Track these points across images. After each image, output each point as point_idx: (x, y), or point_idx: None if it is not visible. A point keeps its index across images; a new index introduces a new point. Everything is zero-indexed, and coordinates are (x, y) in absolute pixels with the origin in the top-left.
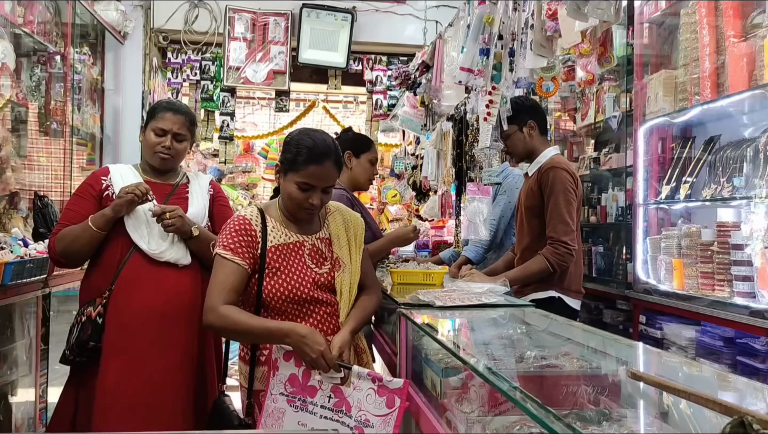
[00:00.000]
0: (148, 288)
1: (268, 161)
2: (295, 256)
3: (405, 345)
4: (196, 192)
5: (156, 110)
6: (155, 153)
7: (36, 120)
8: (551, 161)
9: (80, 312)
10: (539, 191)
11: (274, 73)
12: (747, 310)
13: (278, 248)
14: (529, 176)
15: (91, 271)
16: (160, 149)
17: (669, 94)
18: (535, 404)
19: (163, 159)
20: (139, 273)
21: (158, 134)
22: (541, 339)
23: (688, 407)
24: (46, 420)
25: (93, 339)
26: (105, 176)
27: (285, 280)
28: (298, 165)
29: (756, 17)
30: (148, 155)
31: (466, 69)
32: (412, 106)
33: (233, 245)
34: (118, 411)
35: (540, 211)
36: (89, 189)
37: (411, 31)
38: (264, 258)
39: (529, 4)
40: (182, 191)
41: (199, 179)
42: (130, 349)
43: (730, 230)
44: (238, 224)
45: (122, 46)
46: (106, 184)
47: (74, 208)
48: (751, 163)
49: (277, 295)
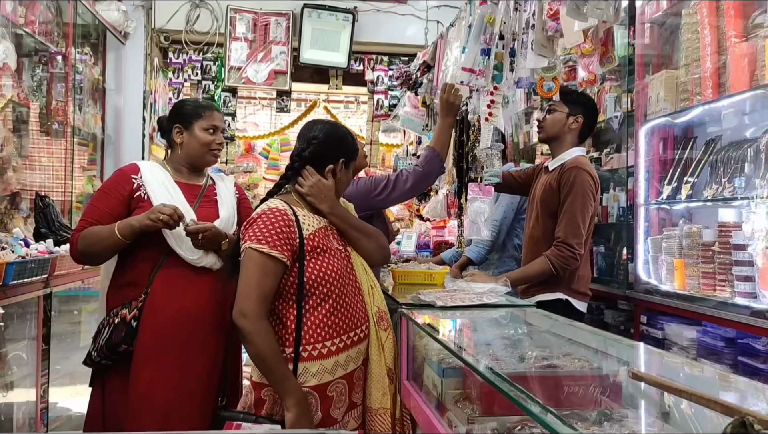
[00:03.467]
0: (184, 292)
1: (269, 161)
2: (329, 239)
3: (406, 345)
4: (224, 195)
5: (200, 108)
6: (210, 150)
7: (37, 120)
8: (576, 161)
9: (113, 313)
10: (558, 188)
11: (275, 74)
12: (748, 310)
13: (314, 234)
14: (549, 170)
15: (123, 272)
16: (215, 146)
17: (670, 95)
18: (536, 404)
19: (216, 156)
20: (175, 277)
21: (210, 132)
22: (543, 340)
23: (690, 407)
24: (47, 420)
25: (126, 342)
26: (135, 174)
27: (326, 262)
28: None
29: (757, 17)
30: (197, 153)
31: (467, 69)
32: (413, 106)
33: (269, 238)
34: (151, 416)
35: (555, 209)
36: (118, 188)
37: (412, 31)
38: (303, 246)
39: (530, 4)
40: (210, 192)
41: (224, 181)
42: (164, 354)
43: (732, 230)
44: (274, 216)
45: (123, 46)
46: (137, 184)
47: (100, 205)
48: (752, 163)
49: (320, 277)
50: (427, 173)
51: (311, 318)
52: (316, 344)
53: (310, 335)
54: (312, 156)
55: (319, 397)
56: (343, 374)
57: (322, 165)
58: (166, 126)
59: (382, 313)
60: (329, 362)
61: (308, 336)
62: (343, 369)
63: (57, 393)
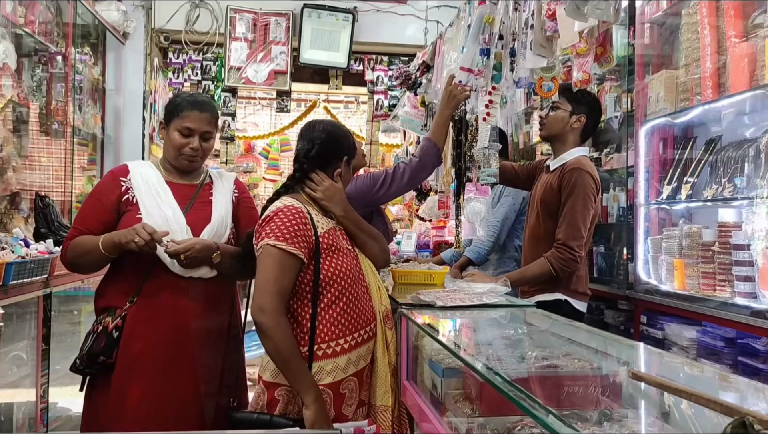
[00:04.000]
0: (174, 303)
1: (269, 161)
2: (340, 239)
3: (406, 345)
4: (219, 195)
5: (179, 106)
6: (181, 155)
7: (37, 120)
8: (578, 162)
9: (98, 320)
10: (558, 189)
11: (275, 74)
12: (748, 310)
13: (327, 232)
14: (551, 170)
15: (110, 277)
16: (187, 151)
17: (670, 95)
18: (536, 404)
19: (191, 162)
20: (166, 286)
21: (184, 134)
22: (543, 340)
23: (689, 407)
24: (47, 420)
25: (105, 353)
26: (124, 177)
27: (340, 261)
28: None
29: (757, 17)
30: (171, 155)
31: (466, 69)
32: (412, 106)
33: (288, 235)
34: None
35: (555, 209)
36: (107, 193)
37: (412, 31)
38: (318, 244)
39: (530, 4)
40: (206, 192)
41: (223, 179)
42: (152, 370)
43: (732, 230)
44: (291, 214)
45: (123, 46)
46: (126, 187)
47: (90, 212)
48: (752, 163)
49: (335, 275)
50: (424, 163)
51: (326, 316)
52: (330, 342)
53: (324, 333)
54: (318, 155)
55: (333, 395)
56: (354, 371)
57: (327, 164)
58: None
59: (388, 312)
60: (342, 359)
61: (323, 334)
62: (354, 367)
63: (57, 393)
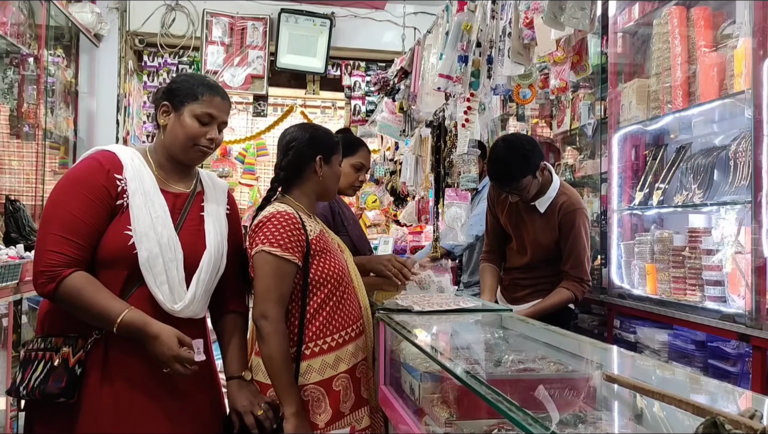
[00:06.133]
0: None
1: (245, 165)
2: (329, 242)
3: (383, 350)
4: (213, 211)
5: (197, 89)
6: (196, 146)
7: (8, 123)
8: (569, 202)
9: (48, 347)
10: (558, 229)
11: (251, 78)
12: (718, 314)
13: (318, 237)
14: (542, 213)
15: None
16: (204, 142)
17: (642, 103)
18: (513, 407)
19: (203, 154)
20: (147, 312)
21: (203, 121)
22: (519, 343)
23: (662, 409)
24: (17, 428)
25: (66, 395)
26: (119, 173)
27: (329, 262)
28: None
29: (726, 28)
30: (180, 145)
31: (444, 76)
32: (390, 112)
33: (282, 241)
34: None
35: (551, 245)
36: (103, 191)
37: (389, 37)
38: (309, 247)
39: (507, 12)
40: (197, 205)
41: (216, 188)
42: (128, 422)
43: (701, 235)
44: (284, 219)
45: (97, 48)
46: (121, 188)
47: (82, 217)
48: (721, 170)
49: (327, 275)
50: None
51: (317, 316)
52: (317, 340)
53: (313, 333)
54: (289, 164)
55: (326, 392)
56: (345, 368)
57: (300, 169)
58: (157, 101)
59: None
60: (330, 357)
61: (311, 334)
62: (345, 364)
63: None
